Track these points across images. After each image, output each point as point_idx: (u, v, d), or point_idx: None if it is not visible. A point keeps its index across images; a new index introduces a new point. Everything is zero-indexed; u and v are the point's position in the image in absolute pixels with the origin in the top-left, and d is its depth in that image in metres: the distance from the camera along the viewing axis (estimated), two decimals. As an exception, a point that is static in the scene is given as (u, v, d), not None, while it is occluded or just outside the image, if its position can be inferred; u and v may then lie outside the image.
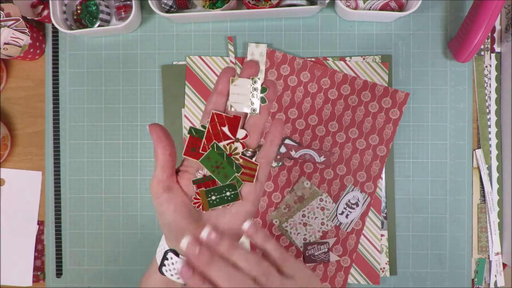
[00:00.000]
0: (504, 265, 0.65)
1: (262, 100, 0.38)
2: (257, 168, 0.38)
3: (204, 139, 0.37)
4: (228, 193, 0.38)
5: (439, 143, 0.64)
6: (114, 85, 0.66)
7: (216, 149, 0.37)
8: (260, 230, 0.36)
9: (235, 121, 0.37)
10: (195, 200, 0.38)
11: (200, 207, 0.38)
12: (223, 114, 0.37)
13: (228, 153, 0.37)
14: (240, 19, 0.65)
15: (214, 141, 0.37)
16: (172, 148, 0.38)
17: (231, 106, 0.38)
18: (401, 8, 0.63)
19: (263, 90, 0.38)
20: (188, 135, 0.38)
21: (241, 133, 0.37)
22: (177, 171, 0.40)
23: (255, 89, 0.38)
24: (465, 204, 0.64)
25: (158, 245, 0.40)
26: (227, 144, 0.37)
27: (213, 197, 0.38)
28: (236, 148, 0.37)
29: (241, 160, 0.38)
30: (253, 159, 0.38)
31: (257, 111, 0.38)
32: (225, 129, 0.37)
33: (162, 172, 0.38)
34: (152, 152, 0.65)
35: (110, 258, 0.65)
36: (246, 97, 0.38)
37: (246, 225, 0.36)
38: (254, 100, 0.38)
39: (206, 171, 0.38)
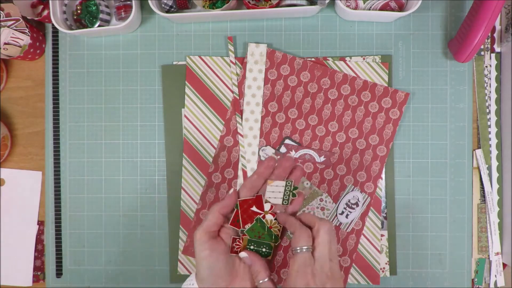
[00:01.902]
0: (504, 265, 0.65)
1: (293, 195, 0.46)
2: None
3: (239, 216, 0.46)
4: (264, 249, 0.46)
5: (439, 143, 0.64)
6: (114, 85, 0.66)
7: (259, 222, 0.45)
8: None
9: (259, 199, 0.46)
10: (235, 244, 0.45)
11: (236, 251, 0.46)
12: (247, 199, 0.46)
13: (269, 225, 0.46)
14: (240, 19, 0.65)
15: (259, 216, 0.46)
16: (229, 212, 0.46)
17: (266, 201, 0.46)
18: (401, 8, 0.63)
19: (294, 188, 0.46)
20: (235, 209, 0.46)
21: (267, 206, 0.46)
22: None
23: (289, 189, 0.46)
24: (465, 204, 0.64)
25: (186, 280, 0.46)
26: (262, 217, 0.46)
27: (252, 247, 0.45)
28: (274, 222, 0.46)
29: (279, 232, 0.46)
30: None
31: (288, 203, 0.46)
32: (253, 208, 0.46)
33: (213, 225, 0.45)
34: (152, 152, 0.65)
35: (110, 258, 0.66)
36: (280, 194, 0.46)
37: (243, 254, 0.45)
38: (286, 197, 0.46)
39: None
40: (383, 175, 0.64)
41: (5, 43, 0.63)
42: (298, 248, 0.42)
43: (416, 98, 0.65)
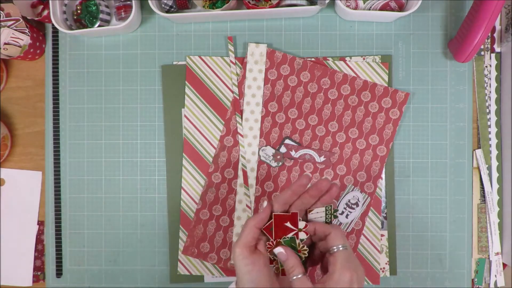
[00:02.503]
0: (504, 265, 0.65)
1: (334, 216, 0.48)
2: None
3: (273, 229, 0.47)
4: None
5: (439, 143, 0.64)
6: (114, 85, 0.66)
7: (292, 241, 0.47)
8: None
9: (294, 217, 0.47)
10: (268, 243, 0.47)
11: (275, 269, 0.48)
12: (284, 214, 0.47)
13: (298, 249, 0.47)
14: (240, 19, 0.65)
15: (294, 236, 0.47)
16: (263, 224, 0.48)
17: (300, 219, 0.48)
18: (401, 8, 0.63)
19: (335, 210, 0.48)
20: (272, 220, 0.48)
21: (301, 224, 0.47)
22: None
23: (329, 212, 0.48)
24: (465, 204, 0.64)
25: None
26: (294, 235, 0.47)
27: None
28: (303, 246, 0.47)
29: (303, 257, 0.47)
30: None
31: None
32: (288, 224, 0.47)
33: (251, 239, 0.47)
34: (152, 152, 0.65)
35: (110, 258, 0.66)
36: (322, 219, 0.48)
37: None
38: (329, 220, 0.48)
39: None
40: (383, 175, 0.64)
41: (5, 43, 0.63)
42: (335, 247, 0.45)
43: (416, 98, 0.65)
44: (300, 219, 0.47)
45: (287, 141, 0.64)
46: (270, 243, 0.47)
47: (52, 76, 0.66)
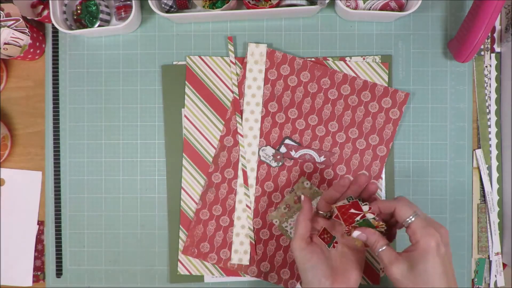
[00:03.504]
0: (504, 265, 0.65)
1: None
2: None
3: (341, 219, 0.49)
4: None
5: (439, 143, 0.64)
6: (114, 85, 0.66)
7: (366, 222, 0.48)
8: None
9: (356, 204, 0.49)
10: (327, 236, 0.52)
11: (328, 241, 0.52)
12: (344, 204, 0.49)
13: (375, 226, 0.48)
14: (240, 19, 0.65)
15: (366, 218, 0.48)
16: (311, 215, 0.53)
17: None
18: (401, 8, 0.63)
19: (359, 199, 0.50)
20: (323, 227, 0.52)
21: (365, 208, 0.48)
22: None
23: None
24: (465, 204, 0.64)
25: None
26: (360, 218, 0.48)
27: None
28: (379, 222, 0.48)
29: (384, 231, 0.49)
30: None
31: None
32: (352, 210, 0.48)
33: (306, 232, 0.51)
34: (152, 152, 0.65)
35: (110, 258, 0.66)
36: None
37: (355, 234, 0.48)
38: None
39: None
40: (383, 175, 0.64)
41: (5, 43, 0.63)
42: (407, 219, 0.46)
43: (416, 98, 0.65)
44: (361, 203, 0.48)
45: (287, 141, 0.64)
46: (346, 229, 0.49)
47: (52, 76, 0.66)
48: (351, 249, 0.52)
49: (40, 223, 0.66)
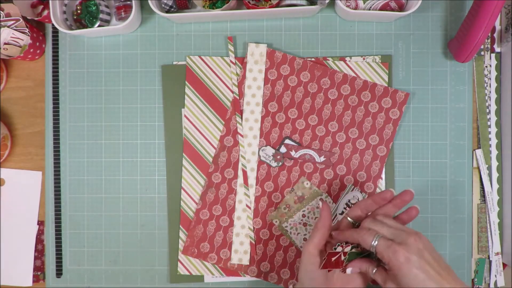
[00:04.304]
0: (504, 265, 0.65)
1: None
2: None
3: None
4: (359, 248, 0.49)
5: (439, 143, 0.64)
6: (114, 85, 0.66)
7: (353, 254, 0.49)
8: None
9: (330, 254, 0.50)
10: (335, 260, 0.49)
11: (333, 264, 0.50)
12: (324, 259, 0.50)
13: (361, 252, 0.49)
14: (240, 19, 0.65)
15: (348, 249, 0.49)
16: (330, 223, 0.52)
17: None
18: (401, 8, 0.63)
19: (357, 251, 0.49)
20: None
21: (339, 248, 0.50)
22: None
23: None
24: (465, 204, 0.64)
25: None
26: (344, 256, 0.48)
27: (352, 255, 0.49)
28: (360, 247, 0.49)
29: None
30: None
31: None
32: (333, 258, 0.49)
33: (321, 240, 0.51)
34: (152, 152, 0.65)
35: (110, 258, 0.66)
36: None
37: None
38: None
39: (342, 248, 0.49)
40: (383, 175, 0.64)
41: (5, 43, 0.63)
42: (372, 243, 0.46)
43: (416, 98, 0.65)
44: (334, 249, 0.50)
45: (287, 141, 0.64)
46: (341, 271, 0.49)
47: (52, 76, 0.66)
48: (357, 261, 0.50)
49: (40, 223, 0.66)
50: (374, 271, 0.47)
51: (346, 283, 0.51)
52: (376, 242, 0.45)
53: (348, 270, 0.48)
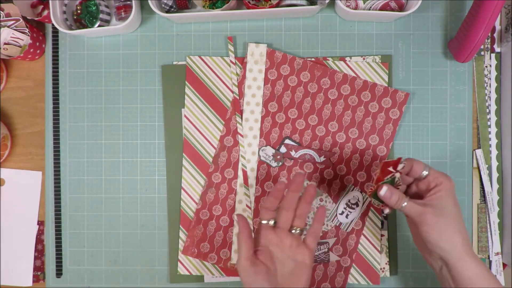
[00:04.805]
0: (504, 265, 0.65)
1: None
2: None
3: (375, 177, 0.54)
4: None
5: (439, 143, 0.64)
6: (114, 85, 0.66)
7: (391, 181, 0.52)
8: None
9: (398, 160, 0.51)
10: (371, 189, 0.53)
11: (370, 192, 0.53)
12: (389, 160, 0.52)
13: (395, 185, 0.52)
14: (240, 19, 0.65)
15: (394, 175, 0.52)
16: (250, 232, 0.53)
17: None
18: (401, 8, 0.63)
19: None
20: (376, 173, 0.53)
21: (400, 166, 0.51)
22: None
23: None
24: (465, 204, 0.64)
25: None
26: (390, 177, 0.51)
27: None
28: (399, 182, 0.52)
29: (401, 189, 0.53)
30: (302, 237, 0.54)
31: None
32: (390, 168, 0.51)
33: (248, 250, 0.51)
34: (152, 152, 0.65)
35: (110, 258, 0.66)
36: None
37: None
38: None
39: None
40: (383, 175, 0.64)
41: (5, 43, 0.63)
42: (424, 172, 0.51)
43: (416, 98, 0.65)
44: (402, 162, 0.52)
45: (287, 141, 0.64)
46: (371, 188, 0.52)
47: (52, 76, 0.66)
48: (300, 265, 0.52)
49: (40, 223, 0.66)
50: (404, 203, 0.50)
51: (292, 282, 0.51)
52: (428, 171, 0.51)
53: (383, 189, 0.50)
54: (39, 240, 0.66)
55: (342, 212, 0.63)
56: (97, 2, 0.62)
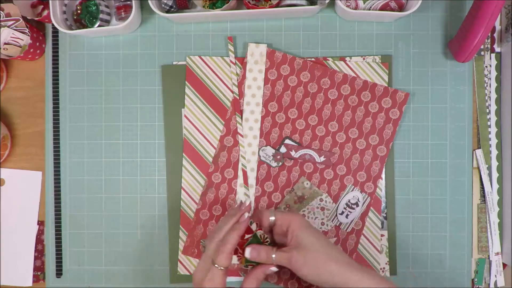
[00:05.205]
0: (504, 265, 0.65)
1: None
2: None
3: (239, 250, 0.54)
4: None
5: (439, 143, 0.64)
6: (114, 85, 0.66)
7: (255, 237, 0.54)
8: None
9: (248, 228, 0.54)
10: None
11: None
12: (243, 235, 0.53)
13: (261, 241, 0.54)
14: (240, 19, 0.65)
15: (255, 233, 0.54)
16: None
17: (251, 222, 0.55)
18: (401, 8, 0.63)
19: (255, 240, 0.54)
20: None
21: (253, 227, 0.54)
22: None
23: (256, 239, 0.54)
24: (465, 204, 0.64)
25: None
26: (250, 237, 0.53)
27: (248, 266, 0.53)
28: (265, 237, 0.55)
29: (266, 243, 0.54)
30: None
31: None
32: (246, 236, 0.53)
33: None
34: (152, 152, 0.65)
35: (110, 258, 0.65)
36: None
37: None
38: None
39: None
40: (383, 175, 0.64)
41: (5, 43, 0.63)
42: (270, 218, 0.52)
43: (416, 98, 0.65)
44: (254, 225, 0.55)
45: (287, 141, 0.64)
46: (240, 254, 0.52)
47: (52, 76, 0.66)
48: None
49: (40, 223, 0.66)
50: (274, 255, 0.50)
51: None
52: (274, 216, 0.52)
53: (247, 250, 0.51)
54: (39, 240, 0.66)
55: (342, 212, 0.63)
56: (97, 2, 0.62)
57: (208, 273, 0.50)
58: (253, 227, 0.54)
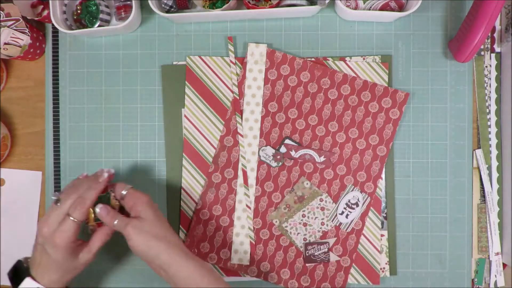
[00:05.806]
0: (504, 265, 0.65)
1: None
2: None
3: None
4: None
5: (439, 143, 0.64)
6: (114, 85, 0.66)
7: (105, 199, 0.57)
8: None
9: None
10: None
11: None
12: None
13: (111, 204, 0.57)
14: (240, 19, 0.65)
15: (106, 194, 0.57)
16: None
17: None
18: (401, 8, 0.63)
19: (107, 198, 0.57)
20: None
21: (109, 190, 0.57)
22: None
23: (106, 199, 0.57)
24: (465, 204, 0.64)
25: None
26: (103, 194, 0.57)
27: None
28: (116, 201, 0.57)
29: (117, 208, 0.57)
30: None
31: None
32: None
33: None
34: (152, 152, 0.65)
35: (110, 258, 0.65)
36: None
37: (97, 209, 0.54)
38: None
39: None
40: (383, 175, 0.64)
41: (5, 43, 0.63)
42: (123, 191, 0.56)
43: (416, 98, 0.65)
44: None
45: (287, 141, 0.64)
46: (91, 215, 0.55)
47: (52, 76, 0.66)
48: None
49: (40, 223, 0.66)
50: (116, 221, 0.53)
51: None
52: (127, 191, 0.55)
53: (98, 207, 0.54)
54: (39, 240, 0.66)
55: (342, 212, 0.63)
56: (97, 2, 0.62)
57: (61, 226, 0.52)
58: (109, 190, 0.57)
